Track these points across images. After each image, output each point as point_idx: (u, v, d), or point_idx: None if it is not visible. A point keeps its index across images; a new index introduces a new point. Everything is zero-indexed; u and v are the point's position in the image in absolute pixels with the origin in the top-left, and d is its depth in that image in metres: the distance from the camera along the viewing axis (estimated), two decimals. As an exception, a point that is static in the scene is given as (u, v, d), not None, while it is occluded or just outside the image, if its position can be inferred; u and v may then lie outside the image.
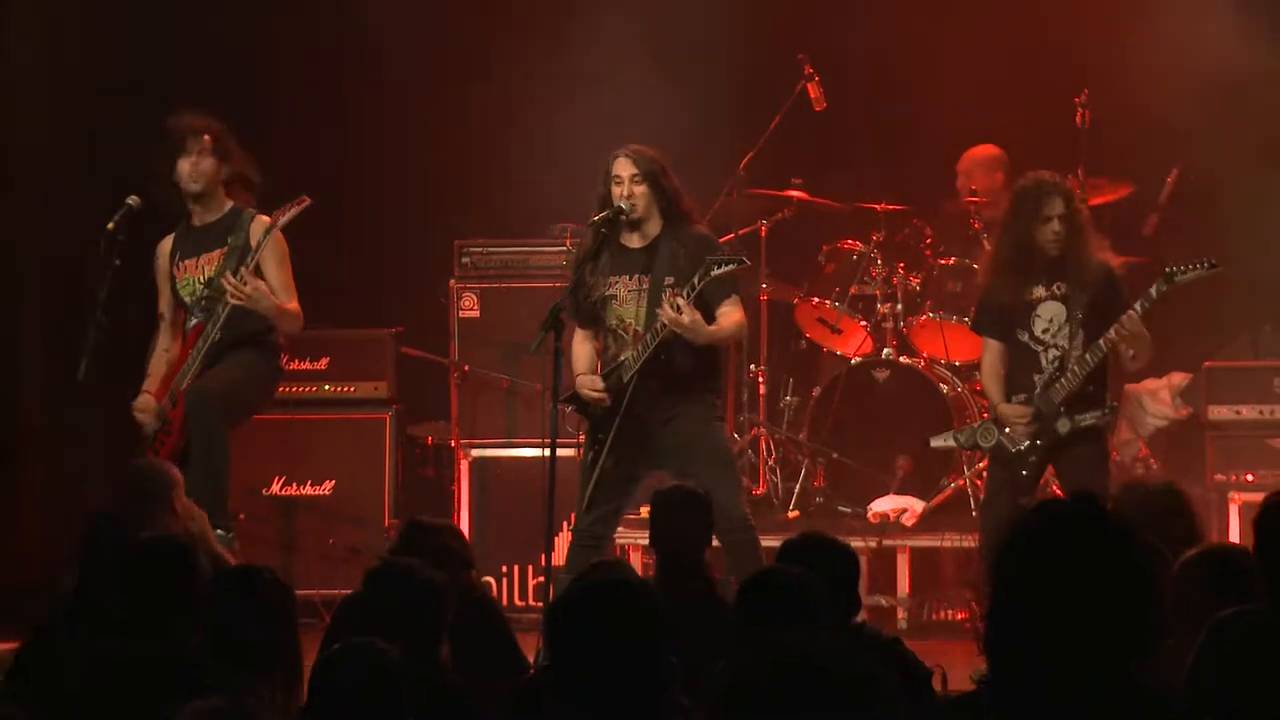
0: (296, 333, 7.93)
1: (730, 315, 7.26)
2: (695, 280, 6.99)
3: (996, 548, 3.21)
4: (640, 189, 7.22)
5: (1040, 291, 7.55)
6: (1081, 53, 9.69)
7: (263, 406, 8.07)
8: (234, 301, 7.51)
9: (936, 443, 7.99)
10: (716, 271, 6.96)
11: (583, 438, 7.60)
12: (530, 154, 9.81)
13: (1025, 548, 3.13)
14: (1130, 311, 7.34)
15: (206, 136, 7.73)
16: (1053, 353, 7.52)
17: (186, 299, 7.78)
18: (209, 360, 7.66)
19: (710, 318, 7.17)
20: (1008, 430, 7.55)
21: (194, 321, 7.71)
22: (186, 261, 7.77)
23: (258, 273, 7.62)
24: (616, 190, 7.26)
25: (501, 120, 10.04)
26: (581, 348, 7.48)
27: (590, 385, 7.32)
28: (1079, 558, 3.08)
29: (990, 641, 3.14)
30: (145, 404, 7.77)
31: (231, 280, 7.50)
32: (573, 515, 7.42)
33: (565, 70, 9.73)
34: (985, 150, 9.69)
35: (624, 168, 7.26)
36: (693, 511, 6.06)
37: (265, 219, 7.70)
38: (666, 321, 7.00)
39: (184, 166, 7.72)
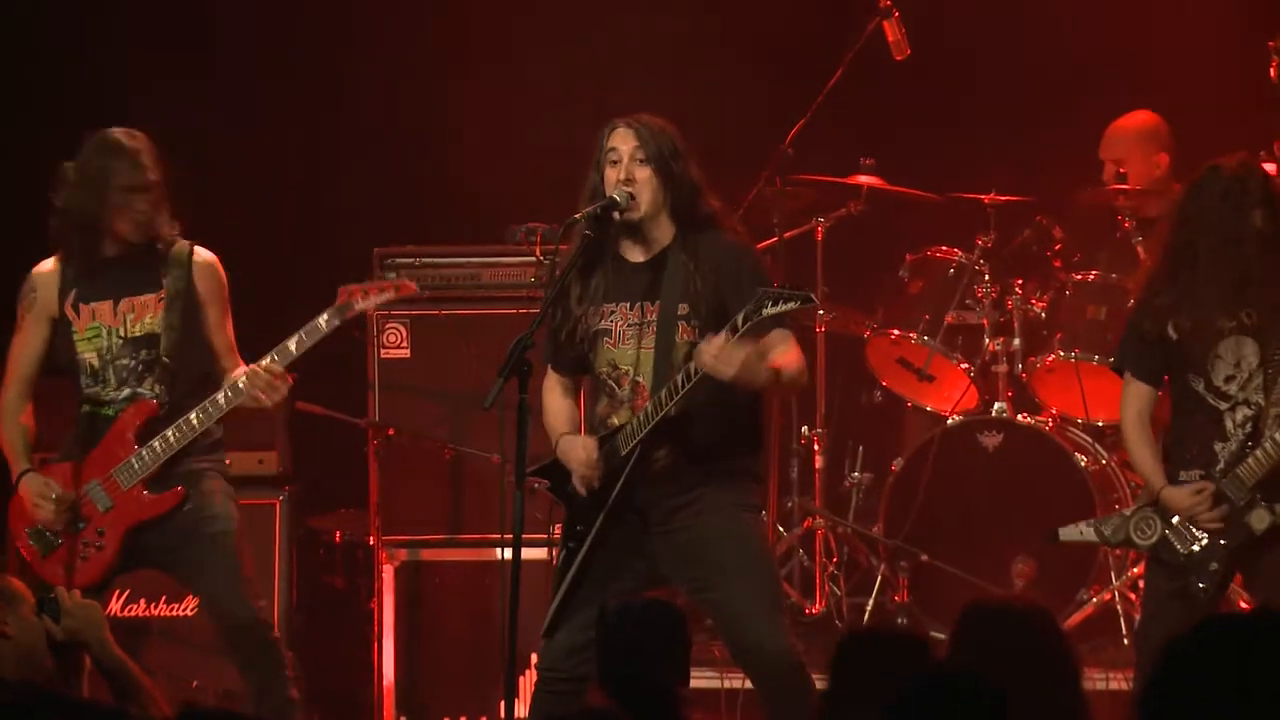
0: None
1: (785, 354, 6.94)
2: (738, 321, 6.69)
3: (1154, 683, 3.34)
4: (644, 173, 6.98)
5: (1223, 321, 7.15)
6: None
7: None
8: (261, 402, 7.47)
9: (1069, 535, 7.62)
10: (770, 311, 6.66)
11: (559, 531, 7.31)
12: (482, 128, 9.90)
13: (1189, 682, 3.33)
14: None
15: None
16: (1243, 412, 7.18)
17: (89, 355, 7.63)
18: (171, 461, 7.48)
19: (751, 359, 6.77)
20: (1177, 521, 7.19)
21: (125, 392, 7.60)
22: (96, 304, 7.64)
23: (194, 315, 7.61)
24: (611, 173, 6.98)
25: (441, 82, 10.07)
26: (559, 401, 7.26)
27: (583, 456, 7.02)
28: (1264, 695, 3.24)
29: None
30: (53, 489, 7.50)
31: (264, 377, 7.39)
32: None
33: (531, 15, 9.98)
34: (1141, 119, 9.40)
35: (623, 139, 7.01)
36: (655, 631, 5.88)
37: (208, 254, 7.63)
38: (706, 367, 6.69)
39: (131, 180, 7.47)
